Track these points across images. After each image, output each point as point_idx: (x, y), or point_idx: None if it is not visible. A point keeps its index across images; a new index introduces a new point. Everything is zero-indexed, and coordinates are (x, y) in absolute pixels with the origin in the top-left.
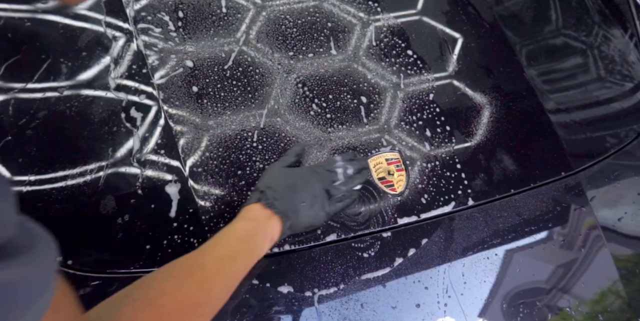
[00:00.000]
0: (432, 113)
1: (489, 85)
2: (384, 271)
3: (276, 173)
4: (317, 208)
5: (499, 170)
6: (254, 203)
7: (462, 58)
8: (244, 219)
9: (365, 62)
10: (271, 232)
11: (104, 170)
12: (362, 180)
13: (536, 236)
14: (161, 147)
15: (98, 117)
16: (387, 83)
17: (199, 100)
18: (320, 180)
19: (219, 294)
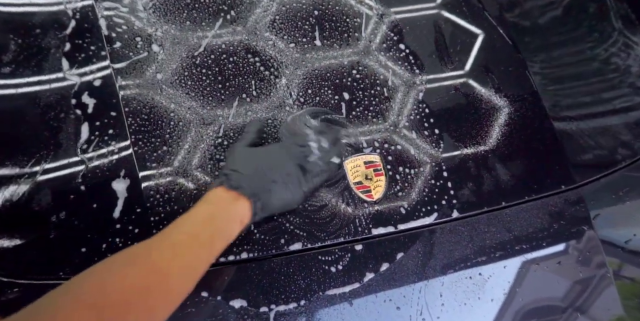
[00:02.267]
0: (420, 115)
1: (489, 87)
2: (351, 287)
3: (240, 154)
4: (292, 186)
5: (490, 180)
6: (216, 187)
7: (459, 56)
8: (206, 203)
9: (357, 59)
10: (239, 215)
11: (43, 160)
12: (340, 152)
13: (527, 256)
14: (112, 138)
15: (45, 100)
16: (378, 79)
17: (162, 89)
18: (292, 156)
19: (175, 284)
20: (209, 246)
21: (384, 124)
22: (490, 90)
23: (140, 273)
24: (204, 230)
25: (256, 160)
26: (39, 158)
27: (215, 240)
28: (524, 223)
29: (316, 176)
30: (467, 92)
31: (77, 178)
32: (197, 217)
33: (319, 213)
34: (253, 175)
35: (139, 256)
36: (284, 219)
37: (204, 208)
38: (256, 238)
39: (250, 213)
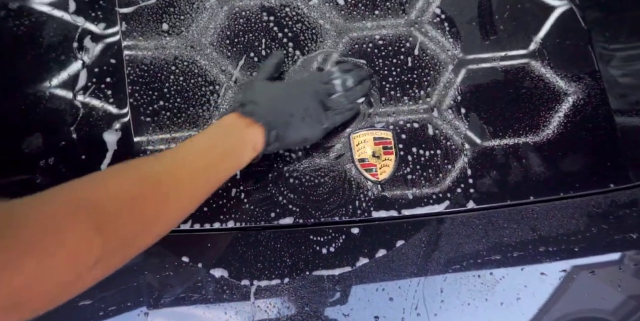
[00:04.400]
0: (452, 93)
1: (546, 70)
2: (342, 271)
3: (258, 87)
4: (311, 121)
5: (519, 171)
6: (230, 113)
7: (519, 35)
8: (217, 126)
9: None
10: (251, 141)
11: (40, 102)
12: (364, 92)
13: (552, 260)
14: (109, 87)
15: (48, 40)
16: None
17: (166, 40)
18: (314, 91)
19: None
20: (215, 166)
21: (403, 99)
22: (547, 74)
23: (135, 180)
24: (211, 149)
25: (274, 93)
26: (34, 99)
27: (223, 160)
28: (554, 223)
29: (338, 114)
30: (517, 72)
31: (69, 125)
32: (205, 137)
33: (316, 190)
34: (270, 107)
35: (137, 166)
36: (278, 191)
37: (214, 130)
38: (245, 208)
39: (263, 141)
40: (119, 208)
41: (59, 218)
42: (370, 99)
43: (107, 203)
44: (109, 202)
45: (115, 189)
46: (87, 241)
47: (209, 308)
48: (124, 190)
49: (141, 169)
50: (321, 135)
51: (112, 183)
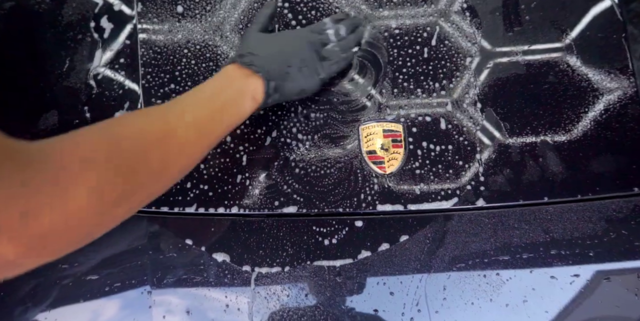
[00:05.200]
0: (472, 86)
1: (576, 65)
2: (343, 262)
3: (254, 38)
4: (308, 72)
5: (535, 170)
6: (228, 65)
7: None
8: (216, 77)
9: None
10: (251, 91)
11: (57, 80)
12: (358, 40)
13: (565, 264)
14: (123, 68)
15: (67, 19)
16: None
17: (180, 23)
18: (308, 42)
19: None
20: (219, 113)
21: (417, 91)
22: (574, 69)
23: (152, 124)
24: (214, 98)
25: (271, 44)
26: (52, 77)
27: (226, 109)
28: (568, 226)
29: (334, 64)
30: (540, 66)
31: (84, 103)
32: (207, 88)
33: (322, 180)
34: (268, 57)
35: (149, 112)
36: (283, 180)
37: (213, 81)
38: (250, 195)
39: (263, 91)
40: (142, 150)
41: (86, 156)
42: (382, 90)
43: (130, 145)
44: (132, 145)
45: (138, 132)
46: (109, 181)
47: (210, 291)
48: (146, 133)
49: (159, 115)
50: (318, 86)
51: (136, 126)
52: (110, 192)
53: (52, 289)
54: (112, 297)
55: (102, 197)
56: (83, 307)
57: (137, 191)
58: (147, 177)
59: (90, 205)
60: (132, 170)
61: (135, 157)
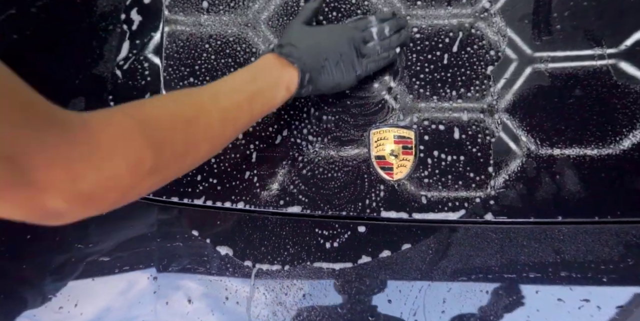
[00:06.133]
0: (499, 94)
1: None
2: (342, 266)
3: (297, 30)
4: (344, 66)
5: (551, 186)
6: (267, 53)
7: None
8: (253, 65)
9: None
10: (285, 81)
11: (86, 68)
12: (402, 42)
13: (576, 287)
14: (147, 59)
15: (100, 10)
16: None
17: (204, 18)
18: (349, 38)
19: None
20: (251, 100)
21: (432, 98)
22: (614, 79)
23: (182, 106)
24: (246, 85)
25: (312, 37)
26: (82, 65)
27: (259, 96)
28: (582, 248)
29: (372, 62)
30: (567, 77)
31: (109, 92)
32: (243, 74)
33: (328, 183)
34: (306, 50)
35: (181, 95)
36: (289, 180)
37: (250, 68)
38: (257, 192)
39: (297, 82)
40: (173, 127)
41: (123, 132)
42: (397, 95)
43: (163, 123)
44: (165, 122)
45: (172, 111)
46: (142, 153)
47: (211, 282)
48: (179, 112)
49: (194, 97)
50: (354, 82)
51: (170, 106)
52: (143, 165)
53: (69, 266)
54: (121, 279)
55: (136, 168)
56: (93, 285)
57: (165, 166)
58: (172, 157)
59: (126, 174)
60: (161, 150)
61: (162, 137)
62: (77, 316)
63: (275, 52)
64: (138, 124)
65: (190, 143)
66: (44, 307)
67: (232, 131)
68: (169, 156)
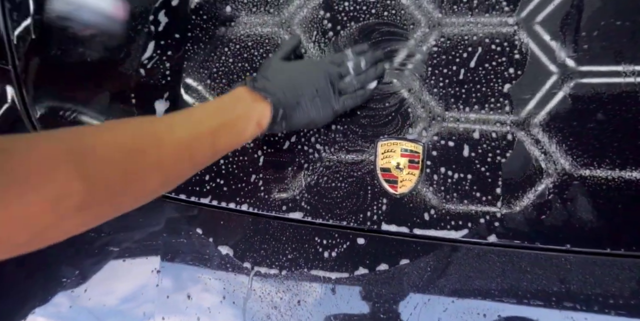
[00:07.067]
0: (529, 111)
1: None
2: (339, 275)
3: (273, 65)
4: (320, 102)
5: (562, 212)
6: (239, 87)
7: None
8: (224, 97)
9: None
10: (256, 116)
11: (114, 65)
12: (377, 75)
13: (575, 319)
14: (170, 60)
15: (132, 10)
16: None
17: (226, 22)
18: (325, 73)
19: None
20: (215, 134)
21: (444, 113)
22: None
23: (127, 135)
24: (210, 118)
25: (287, 72)
26: (111, 62)
27: (225, 130)
28: (590, 280)
29: (349, 98)
30: (593, 101)
31: (131, 89)
32: (211, 106)
33: (331, 192)
34: (281, 85)
35: (138, 123)
36: (294, 186)
37: (218, 101)
38: (260, 195)
39: (269, 117)
40: (110, 158)
41: (48, 160)
42: (408, 108)
43: (99, 152)
44: (101, 151)
45: (110, 140)
46: (69, 186)
47: (211, 281)
48: (118, 142)
49: (144, 126)
50: (330, 118)
51: (109, 134)
52: (68, 199)
53: (83, 253)
54: (127, 269)
55: (58, 204)
56: (102, 272)
57: (98, 203)
58: (107, 191)
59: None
60: (94, 183)
61: (97, 168)
62: (85, 301)
63: (248, 86)
64: (68, 152)
65: (134, 177)
66: (58, 290)
67: (189, 166)
68: (104, 191)
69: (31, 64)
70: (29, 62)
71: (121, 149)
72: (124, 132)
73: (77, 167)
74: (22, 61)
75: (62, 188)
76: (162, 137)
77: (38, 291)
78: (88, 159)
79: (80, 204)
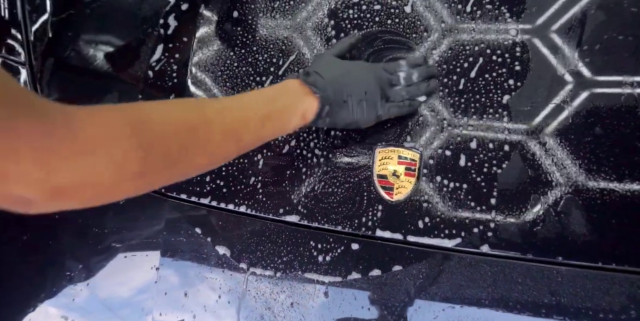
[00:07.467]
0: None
1: None
2: (332, 279)
3: (327, 61)
4: (366, 106)
5: (556, 224)
6: (292, 79)
7: None
8: (275, 87)
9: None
10: (303, 109)
11: (124, 66)
12: (428, 91)
13: None
14: (177, 63)
15: (144, 13)
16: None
17: (233, 27)
18: (377, 78)
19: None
20: (262, 121)
21: (443, 122)
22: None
23: (183, 113)
24: (260, 105)
25: (340, 70)
26: (121, 63)
27: (271, 119)
28: (580, 293)
29: (395, 107)
30: (592, 114)
31: (139, 90)
32: (257, 94)
33: (328, 197)
34: (332, 82)
35: (190, 102)
36: (292, 190)
37: (269, 90)
38: (259, 197)
39: (315, 112)
40: (165, 131)
41: (109, 129)
42: (407, 116)
43: (155, 125)
44: (157, 125)
45: (166, 115)
46: (129, 153)
47: (207, 280)
48: (173, 118)
49: (195, 106)
50: (373, 122)
51: (165, 109)
52: (128, 166)
53: (87, 248)
54: (128, 265)
55: (120, 169)
56: (105, 267)
57: (153, 172)
58: (163, 163)
59: (108, 173)
60: (151, 153)
61: (155, 140)
62: (87, 294)
63: (300, 79)
64: (131, 124)
65: (185, 151)
66: (65, 284)
67: (234, 148)
68: (159, 161)
69: (46, 63)
70: (44, 61)
71: (175, 124)
72: (178, 109)
73: (138, 138)
74: (38, 60)
75: (123, 155)
76: (212, 118)
77: (46, 284)
78: (146, 130)
79: (138, 171)
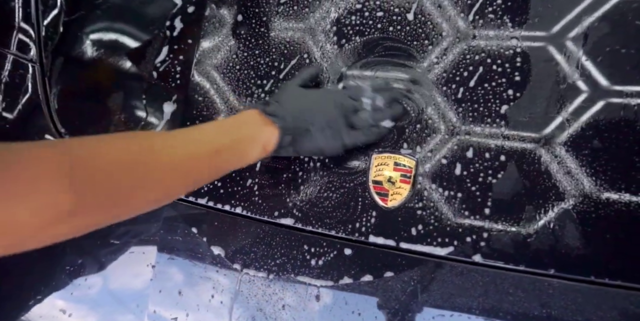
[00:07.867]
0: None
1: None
2: (324, 283)
3: (288, 90)
4: (330, 133)
5: (549, 237)
6: (251, 109)
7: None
8: (234, 118)
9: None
10: (263, 140)
11: (130, 67)
12: (393, 116)
13: None
14: (181, 64)
15: (151, 15)
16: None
17: (237, 31)
18: (339, 106)
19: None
20: (212, 155)
21: (440, 129)
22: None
23: (125, 149)
24: (213, 138)
25: (301, 99)
26: (127, 64)
27: (228, 152)
28: (571, 307)
29: (361, 134)
30: (590, 128)
31: (144, 90)
32: (218, 126)
33: (323, 201)
34: (293, 111)
35: (137, 136)
36: (287, 193)
37: (226, 122)
38: (255, 199)
39: (276, 142)
40: (103, 171)
41: (35, 169)
42: (404, 123)
43: (91, 164)
44: (94, 163)
45: (105, 152)
46: (58, 195)
47: (201, 279)
48: (113, 155)
49: (141, 141)
50: (339, 150)
51: (105, 146)
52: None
53: (88, 245)
54: (124, 263)
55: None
56: (103, 263)
57: (88, 214)
58: (100, 204)
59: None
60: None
61: (99, 178)
62: (85, 289)
63: (259, 109)
64: (62, 161)
65: (128, 190)
66: (64, 278)
67: (183, 183)
68: (94, 202)
69: (56, 61)
70: (54, 59)
71: (115, 162)
72: (120, 145)
73: (68, 176)
74: (49, 58)
75: (47, 198)
76: (158, 154)
77: (44, 279)
78: (79, 170)
79: (67, 214)
